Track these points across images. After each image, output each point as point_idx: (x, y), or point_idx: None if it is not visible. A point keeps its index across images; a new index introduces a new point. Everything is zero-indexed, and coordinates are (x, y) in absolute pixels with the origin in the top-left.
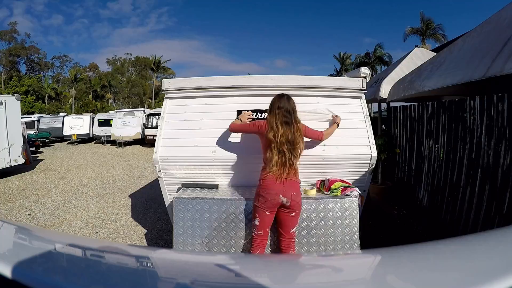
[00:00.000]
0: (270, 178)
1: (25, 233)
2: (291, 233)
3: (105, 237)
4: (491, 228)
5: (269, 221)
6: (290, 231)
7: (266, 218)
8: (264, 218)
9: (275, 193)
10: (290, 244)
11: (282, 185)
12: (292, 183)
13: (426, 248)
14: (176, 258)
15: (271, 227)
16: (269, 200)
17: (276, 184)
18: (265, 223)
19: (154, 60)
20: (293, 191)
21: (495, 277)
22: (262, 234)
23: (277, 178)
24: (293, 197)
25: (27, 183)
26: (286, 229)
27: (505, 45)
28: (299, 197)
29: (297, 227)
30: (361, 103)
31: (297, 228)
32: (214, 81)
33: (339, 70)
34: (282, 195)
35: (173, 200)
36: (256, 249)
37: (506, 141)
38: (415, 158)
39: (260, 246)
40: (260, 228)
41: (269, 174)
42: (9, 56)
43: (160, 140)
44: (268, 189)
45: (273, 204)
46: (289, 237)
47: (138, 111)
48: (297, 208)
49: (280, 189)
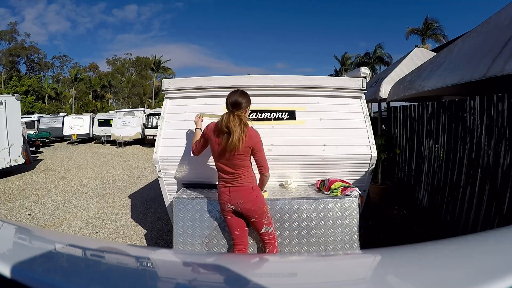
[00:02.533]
0: (220, 186)
1: (25, 233)
2: (263, 233)
3: (105, 237)
4: (491, 228)
5: (235, 224)
6: (260, 232)
7: (230, 222)
8: (228, 222)
9: (223, 203)
10: (265, 242)
11: (228, 193)
12: (238, 191)
13: (426, 248)
14: (176, 258)
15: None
16: (222, 208)
17: (222, 194)
18: (232, 226)
19: (154, 60)
20: (239, 199)
21: (495, 277)
22: (234, 238)
23: (224, 187)
24: (240, 205)
25: (27, 183)
26: (256, 230)
27: (505, 45)
28: (250, 203)
29: (267, 227)
30: (361, 103)
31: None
32: (214, 81)
33: (339, 70)
34: (230, 204)
35: (173, 200)
36: (236, 250)
37: (506, 141)
38: (415, 158)
39: (237, 249)
40: (230, 232)
41: (219, 182)
42: (9, 56)
43: (160, 140)
44: (219, 198)
45: (227, 211)
46: (262, 237)
47: (138, 111)
48: (251, 214)
49: (227, 199)
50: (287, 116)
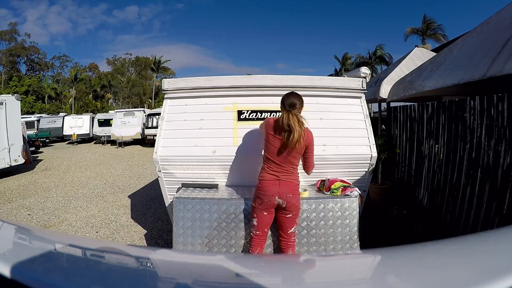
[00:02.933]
0: (267, 179)
1: (25, 233)
2: (289, 234)
3: (105, 237)
4: (491, 228)
5: (267, 221)
6: (288, 232)
7: (263, 219)
8: (261, 219)
9: (271, 195)
10: (289, 244)
11: (279, 186)
12: (288, 185)
13: (426, 248)
14: (176, 258)
15: (270, 227)
16: (265, 201)
17: (272, 186)
18: (263, 223)
19: (154, 60)
20: (289, 192)
21: (495, 277)
22: (260, 234)
23: (274, 179)
24: (288, 198)
25: (27, 183)
26: (284, 229)
27: (505, 45)
28: (296, 198)
29: (295, 227)
30: (361, 103)
31: (296, 228)
32: (214, 81)
33: (339, 70)
34: (278, 196)
35: (173, 200)
36: (255, 249)
37: (506, 141)
38: (415, 158)
39: (259, 246)
40: (258, 228)
41: (266, 175)
42: (9, 56)
43: (160, 140)
44: (264, 190)
45: (270, 205)
46: (288, 237)
47: (138, 111)
48: (293, 209)
49: (276, 191)
50: None
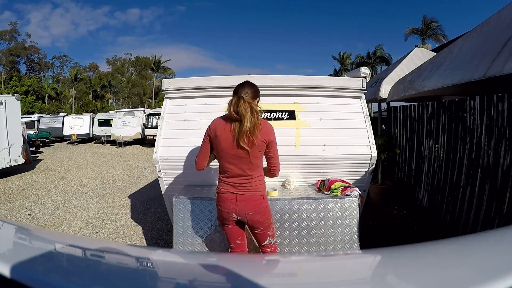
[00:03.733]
0: (222, 192)
1: (25, 233)
2: (264, 246)
3: (105, 237)
4: (491, 228)
5: (235, 233)
6: (262, 244)
7: (229, 232)
8: (228, 232)
9: (227, 212)
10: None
11: (235, 202)
12: (247, 200)
13: (426, 248)
14: (176, 258)
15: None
16: (224, 218)
17: (227, 201)
18: (231, 236)
19: (154, 60)
20: (249, 210)
21: (495, 277)
22: (234, 247)
23: (229, 193)
24: (248, 216)
25: (27, 183)
26: (258, 243)
27: (505, 45)
28: (259, 215)
29: (270, 239)
30: (361, 103)
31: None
32: (214, 81)
33: (339, 70)
34: (236, 213)
35: (173, 200)
36: None
37: (506, 141)
38: (415, 158)
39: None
40: (229, 241)
41: (221, 186)
42: (9, 56)
43: (160, 140)
44: (220, 206)
45: (229, 221)
46: (264, 249)
47: (138, 111)
48: (258, 226)
49: (232, 208)
50: (287, 116)
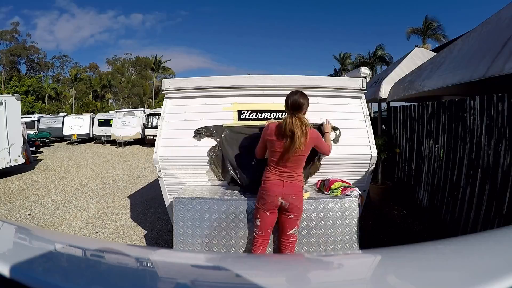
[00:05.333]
0: (271, 180)
1: (25, 233)
2: (288, 235)
3: (105, 237)
4: (491, 228)
5: (270, 222)
6: (287, 233)
7: (267, 219)
8: (265, 219)
9: (274, 195)
10: (288, 245)
11: (282, 187)
12: (292, 186)
13: (426, 248)
14: (176, 258)
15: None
16: (268, 202)
17: (275, 186)
18: (266, 224)
19: (154, 60)
20: (293, 194)
21: (495, 277)
22: (263, 235)
23: (278, 180)
24: (292, 200)
25: (27, 183)
26: (284, 230)
27: (505, 45)
28: (299, 200)
29: (296, 229)
30: (361, 103)
31: (296, 230)
32: (214, 81)
33: (339, 70)
34: (281, 197)
35: (173, 200)
36: (257, 249)
37: (506, 141)
38: (415, 158)
39: (261, 246)
40: (261, 229)
41: (269, 176)
42: (9, 56)
43: (160, 140)
44: (268, 191)
45: (273, 206)
46: (287, 238)
47: (138, 111)
48: (295, 211)
49: (279, 191)
50: None
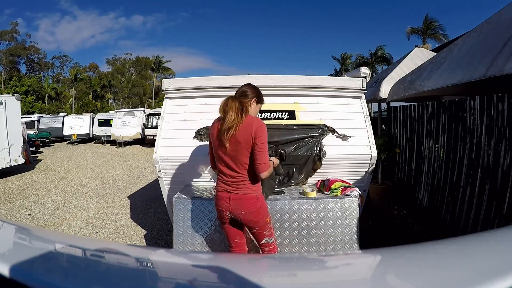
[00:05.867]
0: (218, 190)
1: (25, 233)
2: (262, 244)
3: (105, 237)
4: (491, 228)
5: (232, 233)
6: (260, 243)
7: (228, 231)
8: (226, 230)
9: (222, 210)
10: (265, 252)
11: (229, 201)
12: (239, 200)
13: (426, 248)
14: (176, 258)
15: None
16: (220, 216)
17: (222, 200)
18: (229, 235)
19: (154, 60)
20: (241, 209)
21: (495, 277)
22: (234, 246)
23: (224, 192)
24: (241, 216)
25: (27, 183)
26: (256, 241)
27: (505, 45)
28: (252, 215)
29: (267, 239)
30: (361, 103)
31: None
32: (214, 81)
33: (339, 70)
34: (229, 212)
35: (173, 200)
36: None
37: (506, 141)
38: (415, 158)
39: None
40: (229, 240)
41: (218, 185)
42: (9, 56)
43: (160, 140)
44: (216, 205)
45: (227, 220)
46: (262, 247)
47: (138, 111)
48: (253, 225)
49: (226, 206)
50: (287, 116)
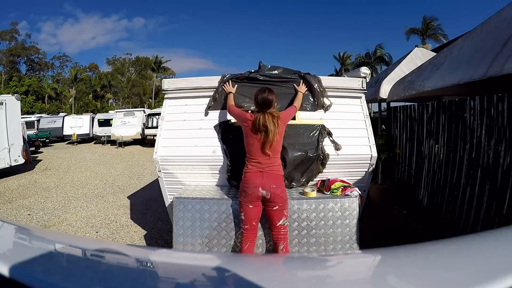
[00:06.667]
0: (250, 171)
1: (25, 233)
2: (278, 227)
3: (105, 237)
4: (491, 228)
5: (254, 215)
6: (276, 225)
7: (250, 212)
8: (248, 212)
9: (254, 186)
10: (279, 237)
11: (262, 177)
12: (271, 176)
13: (426, 248)
14: (176, 258)
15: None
16: (249, 194)
17: (255, 177)
18: (250, 217)
19: (154, 60)
20: (273, 183)
21: (495, 277)
22: (249, 228)
23: (257, 171)
24: (272, 189)
25: (27, 183)
26: (273, 222)
27: (505, 45)
28: (280, 189)
29: (284, 220)
30: (361, 103)
31: (285, 221)
32: (214, 81)
33: (339, 70)
34: (262, 188)
35: (173, 200)
36: (244, 244)
37: (506, 141)
38: (415, 158)
39: (249, 241)
40: (246, 223)
41: (248, 168)
42: (9, 56)
43: (160, 140)
44: (248, 183)
45: (254, 197)
46: (277, 230)
47: (138, 111)
48: (278, 201)
49: (259, 182)
50: None
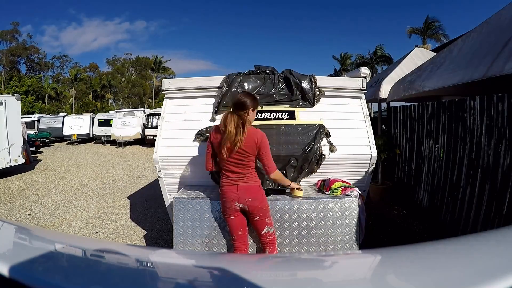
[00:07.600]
0: (225, 185)
1: (25, 233)
2: (263, 234)
3: (105, 237)
4: (491, 228)
5: (237, 224)
6: (261, 233)
7: (232, 223)
8: (231, 223)
9: (230, 201)
10: (266, 243)
11: (236, 191)
12: (246, 189)
13: (426, 248)
14: (176, 258)
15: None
16: (227, 208)
17: (229, 192)
18: (234, 228)
19: (154, 60)
20: (248, 196)
21: (495, 277)
22: (236, 238)
23: (231, 185)
24: (249, 203)
25: (27, 183)
26: (257, 231)
27: (505, 45)
28: (258, 201)
29: (268, 228)
30: (361, 103)
31: (269, 228)
32: (214, 81)
33: (339, 70)
34: (237, 202)
35: (173, 200)
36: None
37: (506, 141)
38: (415, 158)
39: (239, 249)
40: (232, 233)
41: (223, 181)
42: (10, 56)
43: (160, 140)
44: (224, 197)
45: (232, 210)
46: (263, 238)
47: (138, 111)
48: (257, 212)
49: (234, 196)
50: (287, 116)
